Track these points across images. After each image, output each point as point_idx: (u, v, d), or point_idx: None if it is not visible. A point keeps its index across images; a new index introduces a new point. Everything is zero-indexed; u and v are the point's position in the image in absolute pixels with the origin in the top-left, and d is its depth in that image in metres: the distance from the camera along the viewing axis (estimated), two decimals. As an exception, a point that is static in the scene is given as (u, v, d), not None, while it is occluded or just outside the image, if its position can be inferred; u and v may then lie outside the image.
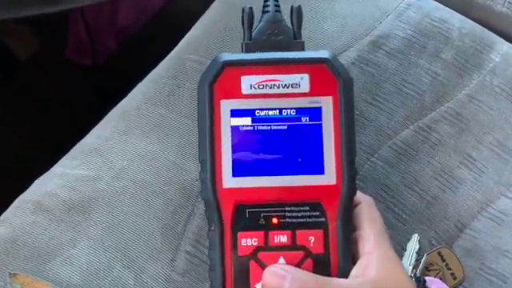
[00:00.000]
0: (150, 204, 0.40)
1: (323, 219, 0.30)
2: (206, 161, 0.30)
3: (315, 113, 0.30)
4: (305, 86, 0.30)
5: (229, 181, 0.30)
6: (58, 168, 0.43)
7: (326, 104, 0.30)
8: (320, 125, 0.30)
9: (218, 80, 0.30)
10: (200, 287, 0.38)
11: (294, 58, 0.31)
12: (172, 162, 0.42)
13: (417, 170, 0.45)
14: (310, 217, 0.30)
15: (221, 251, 0.30)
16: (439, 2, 0.53)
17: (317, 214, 0.30)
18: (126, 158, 0.42)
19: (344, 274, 0.30)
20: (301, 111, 0.30)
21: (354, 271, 0.30)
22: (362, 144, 0.45)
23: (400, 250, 0.42)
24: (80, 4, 0.45)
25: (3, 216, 0.41)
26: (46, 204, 0.40)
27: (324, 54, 0.31)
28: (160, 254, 0.38)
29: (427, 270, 0.42)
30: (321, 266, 0.30)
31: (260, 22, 0.32)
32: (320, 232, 0.30)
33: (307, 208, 0.30)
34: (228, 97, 0.30)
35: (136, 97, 0.47)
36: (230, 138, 0.30)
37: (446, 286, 0.40)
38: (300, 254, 0.29)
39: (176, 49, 0.50)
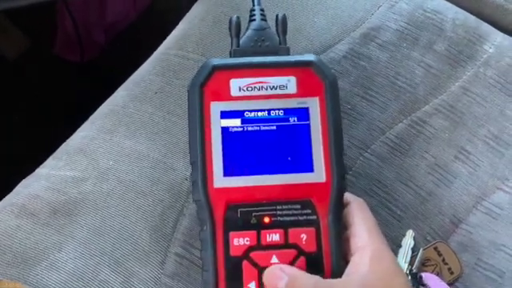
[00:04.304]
0: (138, 205, 0.39)
1: (314, 217, 0.30)
2: (196, 162, 0.30)
3: (303, 113, 0.31)
4: (292, 88, 0.31)
5: (220, 181, 0.30)
6: (42, 169, 0.42)
7: (313, 104, 0.31)
8: (308, 124, 0.31)
9: (208, 83, 0.31)
10: (190, 289, 0.37)
11: (280, 62, 0.32)
12: (160, 161, 0.41)
13: (411, 165, 0.44)
14: (301, 215, 0.30)
15: (213, 251, 0.30)
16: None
17: (308, 211, 0.30)
18: (112, 157, 0.41)
19: (337, 271, 0.30)
20: (289, 112, 0.31)
21: (348, 268, 0.30)
22: (354, 139, 0.44)
23: (394, 247, 0.42)
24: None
25: (-14, 220, 0.39)
26: (30, 207, 0.39)
27: (310, 57, 0.32)
28: (149, 256, 0.37)
29: (424, 265, 0.42)
30: (314, 264, 0.30)
31: (247, 30, 0.34)
32: (312, 230, 0.30)
33: (298, 206, 0.30)
34: (218, 99, 0.31)
35: (122, 95, 0.45)
36: (220, 139, 0.30)
37: (442, 281, 0.40)
38: (293, 252, 0.30)
39: (163, 45, 0.49)
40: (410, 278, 0.40)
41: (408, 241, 0.41)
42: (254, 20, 0.34)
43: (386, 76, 0.47)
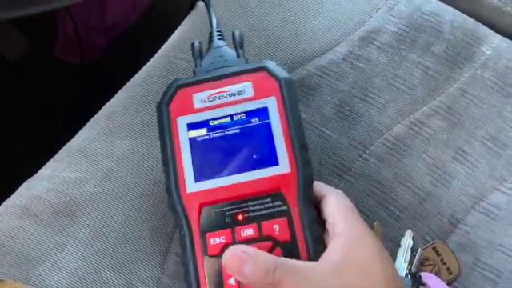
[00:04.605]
0: (139, 206, 0.39)
1: (285, 207, 0.31)
2: (169, 172, 0.32)
3: (262, 113, 0.33)
4: (249, 92, 0.33)
5: (192, 186, 0.31)
6: (44, 171, 0.42)
7: (271, 103, 0.33)
8: (268, 122, 0.33)
9: (173, 100, 0.34)
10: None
11: (236, 71, 0.34)
12: (160, 162, 0.41)
13: (409, 166, 0.45)
14: (272, 207, 0.31)
15: (192, 254, 0.31)
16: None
17: (279, 203, 0.31)
18: (113, 159, 0.41)
19: (314, 257, 0.30)
20: (250, 114, 0.33)
21: (323, 255, 0.30)
22: (353, 140, 0.45)
23: (393, 247, 0.42)
24: (69, 2, 0.44)
25: (-11, 221, 0.40)
26: (32, 208, 0.39)
27: (264, 62, 0.34)
28: (150, 256, 0.37)
29: (422, 265, 0.42)
30: (290, 253, 0.30)
31: (207, 51, 0.37)
32: (284, 220, 0.31)
33: (269, 199, 0.31)
34: (183, 113, 0.33)
35: (124, 97, 0.46)
36: (189, 149, 0.32)
37: (441, 281, 0.40)
38: (268, 244, 0.30)
39: (164, 47, 0.49)
40: (409, 277, 0.40)
41: (407, 241, 0.41)
42: (212, 41, 0.38)
43: (385, 78, 0.47)
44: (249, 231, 0.30)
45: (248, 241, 0.30)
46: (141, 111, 0.44)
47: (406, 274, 0.40)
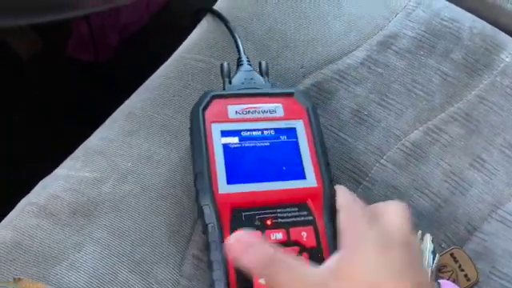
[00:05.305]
0: (157, 207, 0.39)
1: (311, 217, 0.33)
2: (203, 172, 0.34)
3: (291, 132, 0.37)
4: (280, 112, 0.37)
5: (224, 187, 0.33)
6: (61, 170, 0.42)
7: (299, 125, 0.37)
8: (296, 141, 0.36)
9: (209, 108, 0.36)
10: (207, 292, 0.37)
11: (268, 92, 0.38)
12: (178, 164, 0.41)
13: (426, 172, 0.45)
14: (299, 216, 0.33)
15: (223, 251, 0.31)
16: (449, 1, 0.52)
17: (305, 213, 0.34)
18: (131, 159, 0.41)
19: None
20: (279, 131, 0.36)
21: (323, 264, 0.30)
22: (370, 145, 0.45)
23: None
24: (83, 12, 0.45)
25: (6, 219, 0.40)
26: (50, 207, 0.39)
27: (291, 89, 0.39)
28: (167, 258, 0.37)
29: (440, 271, 0.42)
30: (316, 259, 0.32)
31: (236, 72, 0.41)
32: (310, 228, 0.33)
33: (296, 209, 0.34)
34: (217, 121, 0.36)
35: (141, 98, 0.46)
36: (222, 153, 0.35)
37: (458, 288, 0.40)
38: (296, 248, 0.32)
39: (180, 48, 0.49)
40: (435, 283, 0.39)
41: (427, 245, 0.41)
42: (242, 64, 0.41)
43: (403, 83, 0.47)
44: (278, 235, 0.33)
45: (277, 244, 0.32)
46: (159, 113, 0.44)
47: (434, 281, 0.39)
